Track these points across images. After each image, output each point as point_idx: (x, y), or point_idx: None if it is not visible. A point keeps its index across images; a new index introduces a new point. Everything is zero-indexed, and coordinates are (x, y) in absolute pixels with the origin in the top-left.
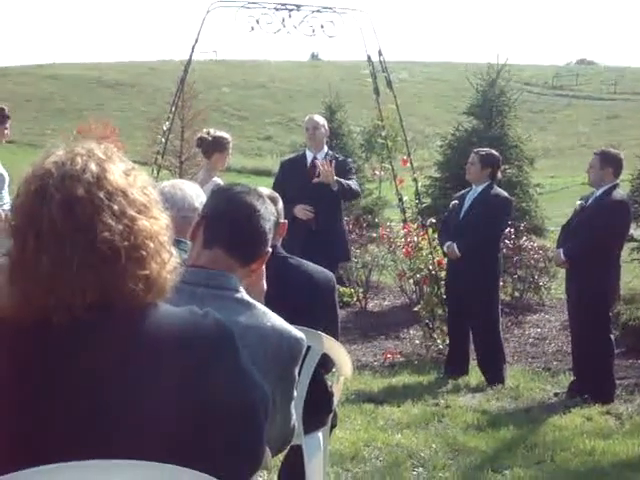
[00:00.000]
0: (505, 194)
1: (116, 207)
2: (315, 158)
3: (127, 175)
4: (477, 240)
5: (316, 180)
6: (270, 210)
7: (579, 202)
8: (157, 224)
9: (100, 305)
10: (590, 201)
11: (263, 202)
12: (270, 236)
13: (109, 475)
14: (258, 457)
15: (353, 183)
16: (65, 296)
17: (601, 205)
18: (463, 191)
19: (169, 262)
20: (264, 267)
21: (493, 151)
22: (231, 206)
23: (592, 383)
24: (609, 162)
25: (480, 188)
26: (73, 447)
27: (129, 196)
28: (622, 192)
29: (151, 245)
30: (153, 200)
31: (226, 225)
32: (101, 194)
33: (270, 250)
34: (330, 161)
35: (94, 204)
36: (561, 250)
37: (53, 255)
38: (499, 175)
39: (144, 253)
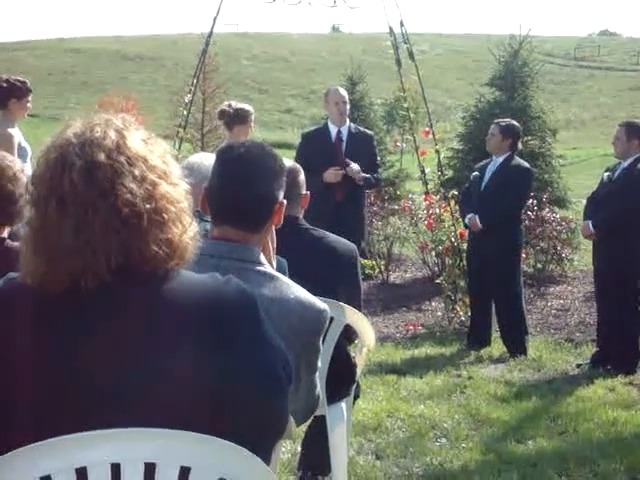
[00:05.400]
0: (526, 165)
1: (137, 172)
2: (339, 132)
3: (146, 143)
4: (499, 212)
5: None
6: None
7: (606, 174)
8: (177, 190)
9: (125, 269)
10: (617, 173)
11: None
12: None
13: (134, 443)
14: (281, 424)
15: (376, 175)
16: (89, 259)
17: (629, 176)
18: (483, 162)
19: (190, 228)
20: (273, 230)
21: (514, 122)
22: (226, 181)
23: (616, 354)
24: (635, 133)
25: (501, 159)
26: (100, 412)
27: (149, 162)
28: None
29: (172, 209)
30: (172, 167)
31: (225, 203)
32: (122, 159)
33: (284, 201)
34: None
35: (115, 169)
36: (589, 222)
37: (76, 219)
38: (520, 146)
39: (165, 217)
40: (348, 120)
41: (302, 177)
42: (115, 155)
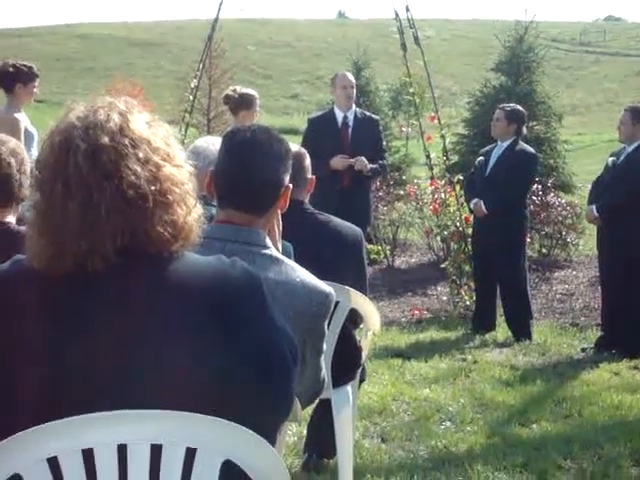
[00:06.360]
0: (531, 149)
1: (141, 154)
2: (345, 117)
3: (149, 125)
4: (503, 197)
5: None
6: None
7: (611, 158)
8: (181, 172)
9: (131, 250)
10: (622, 157)
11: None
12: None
13: (141, 424)
14: (287, 406)
15: (382, 161)
16: (96, 241)
17: (633, 161)
18: (488, 147)
19: (194, 209)
20: (279, 214)
21: (518, 107)
22: (232, 165)
23: (621, 338)
24: None
25: (506, 144)
26: (101, 401)
27: (153, 144)
28: None
29: (177, 191)
30: (176, 149)
31: (231, 187)
32: (125, 141)
33: (290, 185)
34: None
35: (119, 151)
36: (594, 206)
37: (81, 202)
38: (524, 131)
39: (170, 198)
40: (354, 105)
41: (308, 161)
42: (119, 138)
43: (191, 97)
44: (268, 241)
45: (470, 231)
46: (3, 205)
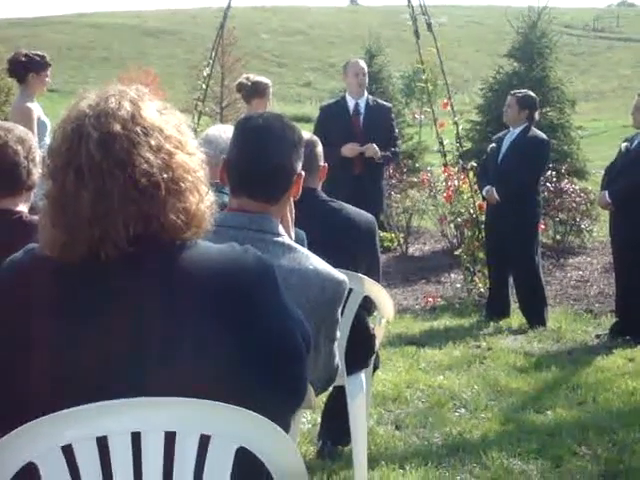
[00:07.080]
0: (543, 135)
1: (153, 142)
2: (357, 104)
3: (161, 113)
4: (516, 183)
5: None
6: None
7: (624, 144)
8: (193, 159)
9: (144, 238)
10: (635, 143)
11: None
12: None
13: (155, 411)
14: (300, 393)
15: (394, 148)
16: (108, 229)
17: None
18: (500, 134)
19: (207, 197)
20: (292, 201)
21: (530, 92)
22: (244, 152)
23: (635, 324)
24: None
25: (518, 130)
26: (118, 382)
27: (165, 132)
28: None
29: (189, 179)
30: (188, 137)
31: (243, 174)
32: (137, 129)
33: (302, 172)
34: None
35: (131, 139)
36: (606, 192)
37: (93, 190)
38: (537, 117)
39: (183, 186)
40: (366, 92)
41: (320, 149)
42: (130, 125)
43: (204, 85)
44: (281, 229)
45: (484, 218)
46: (12, 193)
